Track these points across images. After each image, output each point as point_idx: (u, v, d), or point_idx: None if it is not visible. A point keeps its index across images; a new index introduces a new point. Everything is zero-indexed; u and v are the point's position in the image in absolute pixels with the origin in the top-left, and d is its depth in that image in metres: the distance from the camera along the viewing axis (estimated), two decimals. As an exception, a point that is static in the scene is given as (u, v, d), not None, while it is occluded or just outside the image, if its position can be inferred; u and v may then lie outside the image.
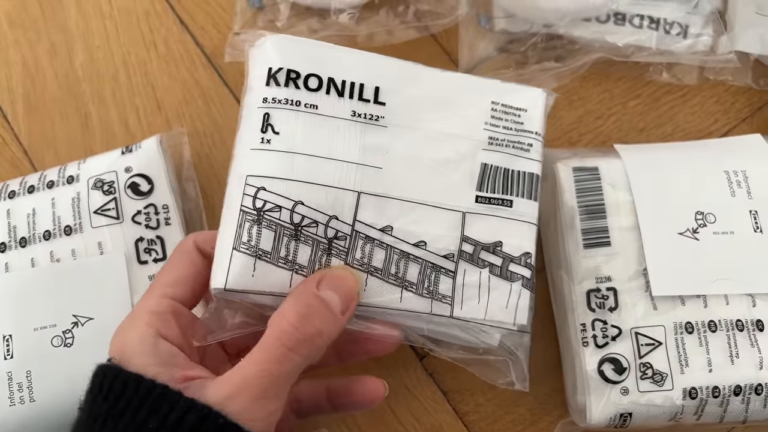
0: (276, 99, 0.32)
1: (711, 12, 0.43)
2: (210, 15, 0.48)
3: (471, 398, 0.40)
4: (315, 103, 0.32)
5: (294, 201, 0.31)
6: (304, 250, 0.30)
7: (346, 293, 0.30)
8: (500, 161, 0.33)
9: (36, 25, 0.48)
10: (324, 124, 0.32)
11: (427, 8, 0.44)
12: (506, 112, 0.34)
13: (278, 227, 0.30)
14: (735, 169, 0.38)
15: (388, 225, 0.32)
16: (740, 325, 0.35)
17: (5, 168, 0.45)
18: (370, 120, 0.32)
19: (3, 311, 0.37)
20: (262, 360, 0.28)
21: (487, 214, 0.33)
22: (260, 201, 0.30)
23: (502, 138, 0.34)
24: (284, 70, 0.32)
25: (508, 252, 0.33)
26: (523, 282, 0.33)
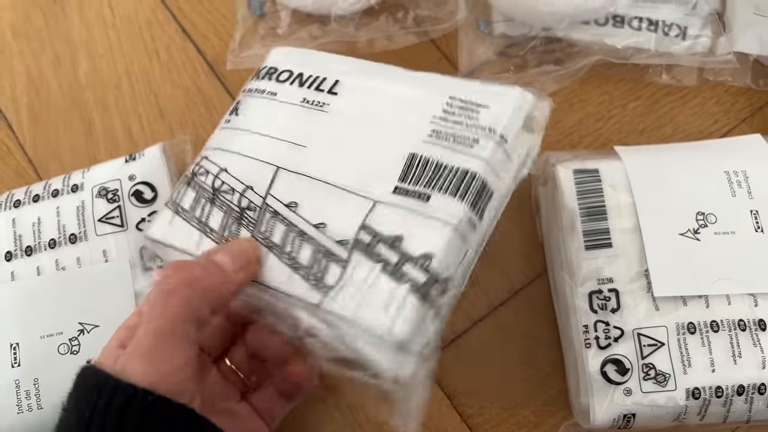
0: (250, 89, 0.36)
1: (709, 13, 0.43)
2: (211, 23, 0.48)
3: (475, 401, 0.40)
4: (275, 91, 0.35)
5: (220, 168, 0.33)
6: (217, 214, 0.32)
7: (237, 253, 0.30)
8: (433, 153, 0.30)
9: (40, 35, 0.48)
10: (274, 108, 0.34)
11: (427, 13, 0.45)
12: (462, 108, 0.31)
13: (200, 189, 0.33)
14: (735, 170, 0.38)
15: (293, 201, 0.31)
16: (742, 324, 0.35)
17: (10, 177, 0.45)
18: (316, 106, 0.34)
19: (9, 319, 0.37)
20: (147, 318, 0.28)
21: (399, 206, 0.30)
22: (198, 167, 0.34)
23: (446, 132, 0.31)
24: (267, 68, 0.36)
25: (407, 250, 0.29)
26: (411, 286, 0.28)
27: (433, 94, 0.32)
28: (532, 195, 0.43)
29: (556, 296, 0.40)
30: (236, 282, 0.30)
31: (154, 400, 0.26)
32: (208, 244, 0.32)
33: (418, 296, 0.28)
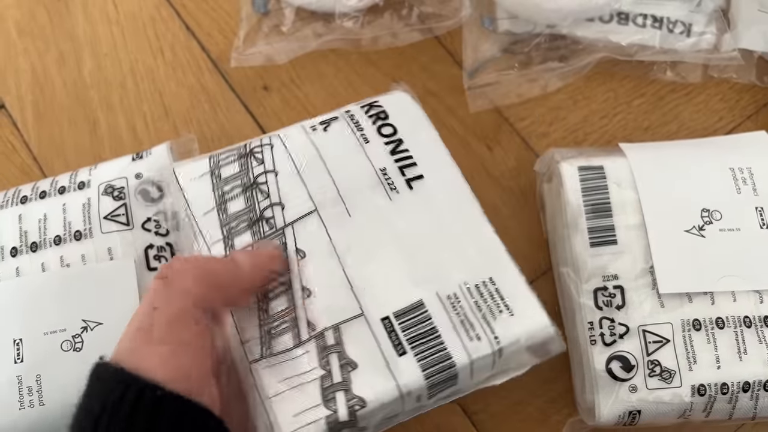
0: (353, 115, 0.36)
1: (714, 10, 0.43)
2: (216, 21, 0.48)
3: (480, 398, 0.40)
4: (369, 138, 0.34)
5: (274, 170, 0.33)
6: (238, 203, 0.33)
7: (256, 253, 0.31)
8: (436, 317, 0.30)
9: (44, 33, 0.48)
10: (357, 149, 0.34)
11: (431, 10, 0.45)
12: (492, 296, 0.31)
13: (245, 170, 0.33)
14: (740, 166, 0.38)
15: (303, 251, 0.31)
16: (748, 321, 0.35)
17: (15, 175, 0.45)
18: (388, 183, 0.33)
19: (13, 315, 0.37)
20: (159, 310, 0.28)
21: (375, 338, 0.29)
22: (260, 148, 0.34)
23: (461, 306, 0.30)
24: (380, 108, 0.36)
25: (351, 381, 0.28)
26: (329, 417, 0.28)
27: (483, 257, 0.31)
28: (536, 192, 0.43)
29: (560, 293, 0.40)
30: (249, 277, 0.30)
31: (164, 396, 0.25)
32: (213, 220, 0.32)
33: (329, 428, 0.28)
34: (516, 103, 0.45)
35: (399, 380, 0.28)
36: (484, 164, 0.44)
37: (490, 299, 0.30)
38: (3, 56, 0.48)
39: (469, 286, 0.30)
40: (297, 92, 0.46)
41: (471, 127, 0.45)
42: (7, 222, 0.39)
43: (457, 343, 0.29)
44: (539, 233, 0.42)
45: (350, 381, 0.28)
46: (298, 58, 0.46)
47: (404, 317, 0.30)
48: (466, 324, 0.30)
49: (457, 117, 0.45)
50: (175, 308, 0.28)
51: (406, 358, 0.28)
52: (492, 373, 0.31)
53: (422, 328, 0.29)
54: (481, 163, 0.44)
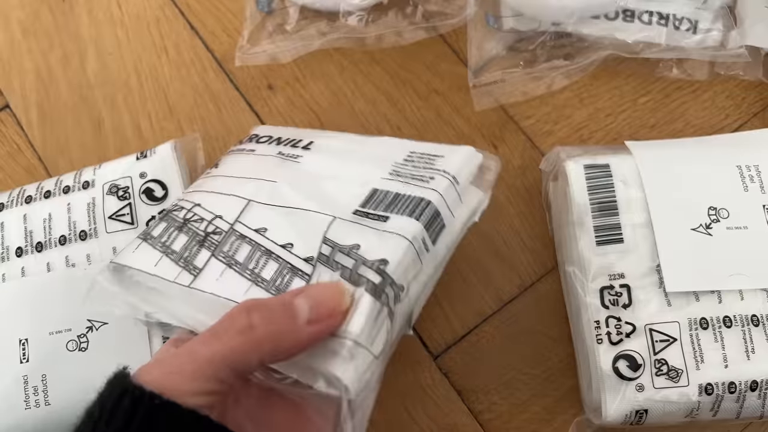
0: (232, 150, 0.39)
1: (720, 7, 0.43)
2: (220, 20, 0.48)
3: (485, 397, 0.40)
4: (254, 149, 0.38)
5: (194, 203, 0.34)
6: (181, 239, 0.33)
7: (317, 302, 0.27)
8: (393, 188, 0.33)
9: (48, 33, 0.48)
10: (251, 159, 0.37)
11: (436, 9, 0.44)
12: (421, 157, 0.35)
13: (171, 221, 0.34)
14: (747, 164, 0.38)
15: (262, 227, 0.32)
16: (755, 320, 0.35)
17: (20, 174, 0.45)
18: (290, 157, 0.36)
19: (19, 316, 0.38)
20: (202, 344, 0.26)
21: (358, 223, 0.31)
22: (173, 205, 0.35)
23: (405, 172, 0.34)
24: (249, 135, 0.40)
25: (363, 255, 0.30)
26: (368, 287, 0.28)
27: (396, 149, 0.36)
28: (542, 190, 0.42)
29: (567, 292, 0.40)
30: (307, 335, 0.26)
31: (161, 404, 0.25)
32: (166, 263, 0.32)
33: (373, 293, 0.28)
34: (521, 102, 0.45)
35: (398, 232, 0.31)
36: (489, 163, 0.44)
37: (420, 160, 0.34)
38: (7, 56, 0.48)
39: (400, 162, 0.34)
40: (301, 91, 0.46)
41: (476, 126, 0.44)
42: (12, 222, 0.39)
43: (420, 189, 0.32)
44: (545, 231, 0.42)
45: (362, 255, 0.30)
46: (302, 57, 0.46)
47: (369, 203, 0.32)
48: (416, 179, 0.33)
49: (463, 115, 0.45)
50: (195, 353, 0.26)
51: (392, 219, 0.31)
52: (466, 211, 0.34)
53: (387, 198, 0.32)
54: (487, 162, 0.44)
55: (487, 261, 0.42)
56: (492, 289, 0.41)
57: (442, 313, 0.41)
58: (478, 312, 0.41)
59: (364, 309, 0.28)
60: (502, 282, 0.42)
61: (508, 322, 0.41)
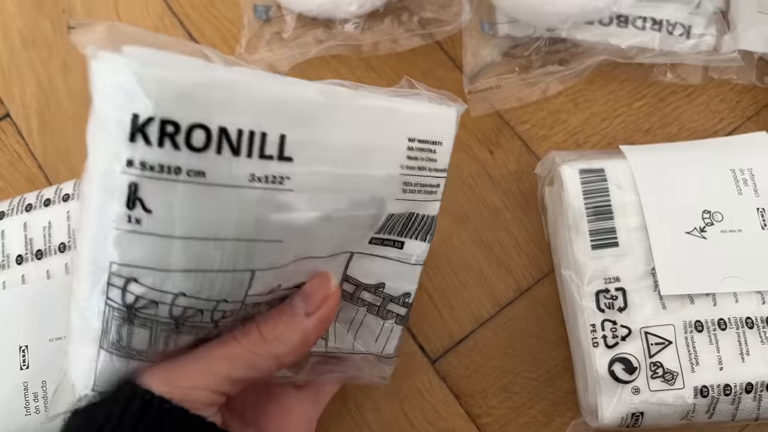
0: (146, 165, 0.22)
1: (713, 12, 0.43)
2: (218, 29, 0.48)
3: (483, 401, 0.40)
4: (202, 170, 0.23)
5: (174, 294, 0.24)
6: (185, 339, 0.26)
7: (308, 295, 0.28)
8: (407, 208, 0.30)
9: (48, 43, 0.49)
10: (213, 196, 0.23)
11: (431, 16, 0.45)
12: (422, 149, 0.29)
13: (155, 324, 0.25)
14: (741, 167, 0.38)
15: (277, 285, 0.27)
16: (750, 322, 0.35)
17: (21, 183, 0.46)
18: (273, 184, 0.24)
19: (19, 322, 0.38)
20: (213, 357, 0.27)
21: (375, 255, 0.31)
22: (131, 296, 0.24)
23: (414, 182, 0.30)
24: (157, 121, 0.22)
25: (389, 293, 0.32)
26: (396, 320, 0.33)
27: (392, 137, 0.28)
28: (538, 195, 0.43)
29: (563, 296, 0.40)
30: (311, 327, 0.28)
31: (170, 409, 0.25)
32: None
33: (401, 323, 0.33)
34: (517, 107, 0.45)
35: (414, 261, 0.32)
36: (486, 168, 0.44)
37: (422, 154, 0.30)
38: (7, 66, 0.48)
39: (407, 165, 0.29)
40: (299, 98, 0.46)
41: (472, 131, 0.45)
42: (12, 230, 0.39)
43: (429, 205, 0.31)
44: (541, 236, 0.43)
45: (388, 293, 0.32)
46: (299, 64, 0.46)
47: (385, 227, 0.30)
48: (425, 189, 0.31)
49: (459, 121, 0.45)
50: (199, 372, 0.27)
51: (407, 245, 0.31)
52: None
53: (401, 221, 0.31)
54: (483, 167, 0.44)
55: (484, 265, 0.42)
56: (489, 294, 0.42)
57: (440, 318, 0.41)
58: (475, 316, 0.41)
59: (396, 337, 0.33)
60: (499, 286, 0.42)
61: (505, 326, 0.41)
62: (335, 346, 0.33)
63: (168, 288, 0.24)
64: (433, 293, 0.42)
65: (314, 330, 0.28)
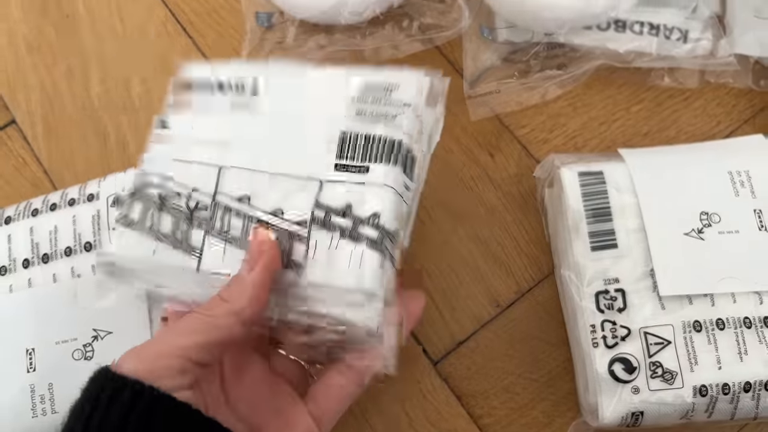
0: (172, 105, 0.37)
1: (710, 17, 0.44)
2: (221, 35, 0.49)
3: (485, 402, 0.40)
4: (200, 102, 0.37)
5: (164, 177, 0.34)
6: (166, 219, 0.34)
7: (248, 252, 0.32)
8: (360, 128, 0.34)
9: (53, 49, 0.49)
10: (205, 117, 0.36)
11: (431, 21, 0.45)
12: (375, 88, 0.35)
13: (147, 200, 0.34)
14: (738, 170, 0.38)
15: (245, 195, 0.33)
16: (748, 322, 0.36)
17: (26, 188, 0.46)
18: (243, 107, 0.36)
19: (26, 325, 0.38)
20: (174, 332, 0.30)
21: (343, 181, 0.33)
22: (140, 181, 0.35)
23: (366, 109, 0.34)
24: (183, 83, 0.38)
25: (357, 214, 0.32)
26: (368, 243, 0.32)
27: (348, 81, 0.35)
28: (537, 197, 0.43)
29: (563, 297, 0.41)
30: (256, 279, 0.30)
31: (158, 396, 0.27)
32: (162, 248, 0.33)
33: (375, 249, 0.32)
34: (516, 111, 0.46)
35: (382, 182, 0.33)
36: (486, 171, 0.45)
37: (376, 92, 0.35)
38: (13, 72, 0.49)
39: (357, 97, 0.35)
40: (301, 103, 0.47)
41: (473, 135, 0.45)
42: (19, 234, 0.40)
43: (388, 129, 0.33)
44: (541, 237, 0.43)
45: (356, 214, 0.32)
46: (301, 70, 0.47)
47: (344, 151, 0.33)
48: (380, 117, 0.34)
49: (460, 125, 0.46)
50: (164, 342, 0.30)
51: (373, 169, 0.33)
52: (427, 135, 0.35)
53: (359, 144, 0.33)
54: (484, 170, 0.45)
55: (485, 267, 0.43)
56: (490, 295, 0.42)
57: (442, 320, 0.42)
58: (476, 318, 0.42)
59: (372, 266, 0.31)
60: (500, 288, 0.42)
61: (507, 327, 0.42)
62: (313, 279, 0.32)
63: (158, 171, 0.34)
64: (435, 295, 0.42)
65: (261, 279, 0.31)
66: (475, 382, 0.41)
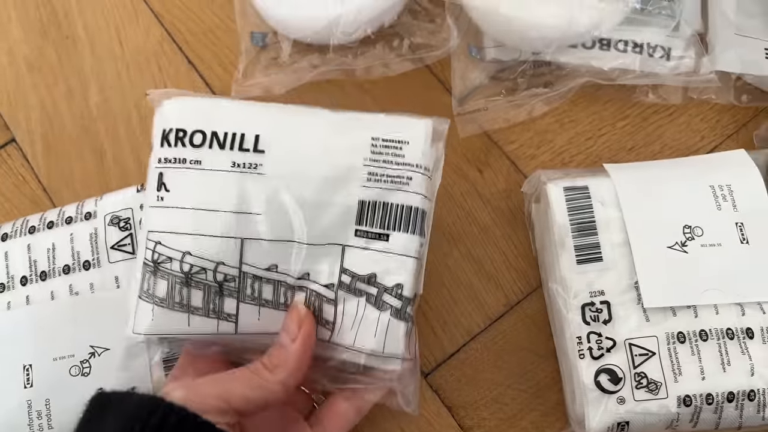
0: (167, 159, 0.35)
1: (692, 35, 0.45)
2: (217, 55, 0.50)
3: (475, 413, 0.41)
4: (199, 159, 0.34)
5: (182, 252, 0.34)
6: (196, 294, 0.34)
7: (286, 325, 0.34)
8: (377, 196, 0.34)
9: (53, 69, 0.50)
10: (207, 178, 0.34)
11: (421, 41, 0.47)
12: (387, 146, 0.35)
13: (170, 276, 0.34)
14: (720, 184, 0.39)
15: (273, 264, 0.34)
16: (730, 333, 0.36)
17: (26, 205, 0.47)
18: (249, 168, 0.34)
19: (24, 342, 0.39)
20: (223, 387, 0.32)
21: (365, 248, 0.34)
22: (156, 254, 0.34)
23: (380, 173, 0.34)
24: (174, 130, 0.35)
25: (383, 283, 0.34)
26: (392, 312, 0.34)
27: (355, 138, 0.35)
28: (525, 212, 0.44)
29: (550, 309, 0.42)
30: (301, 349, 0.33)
31: (203, 423, 0.29)
32: (198, 321, 0.34)
33: (400, 319, 0.34)
34: (504, 128, 0.47)
35: (403, 252, 0.34)
36: (475, 186, 0.46)
37: (387, 150, 0.35)
38: (13, 91, 0.50)
39: (370, 158, 0.35)
40: (294, 121, 0.48)
41: (462, 152, 0.46)
42: (16, 251, 0.41)
43: (404, 195, 0.35)
44: (529, 251, 0.44)
45: (381, 283, 0.34)
46: (295, 89, 0.48)
47: (363, 219, 0.34)
48: (395, 182, 0.35)
49: (449, 142, 0.46)
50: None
51: (393, 238, 0.34)
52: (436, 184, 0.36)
53: (378, 211, 0.34)
54: (473, 186, 0.46)
55: (475, 281, 0.44)
56: (480, 308, 0.43)
57: (432, 332, 0.43)
58: (466, 330, 0.43)
59: (398, 333, 0.34)
60: (490, 301, 0.43)
61: (496, 339, 0.42)
62: (337, 340, 0.34)
63: (175, 246, 0.34)
64: (426, 309, 0.43)
65: (303, 350, 0.33)
66: (465, 393, 0.41)
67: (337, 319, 0.34)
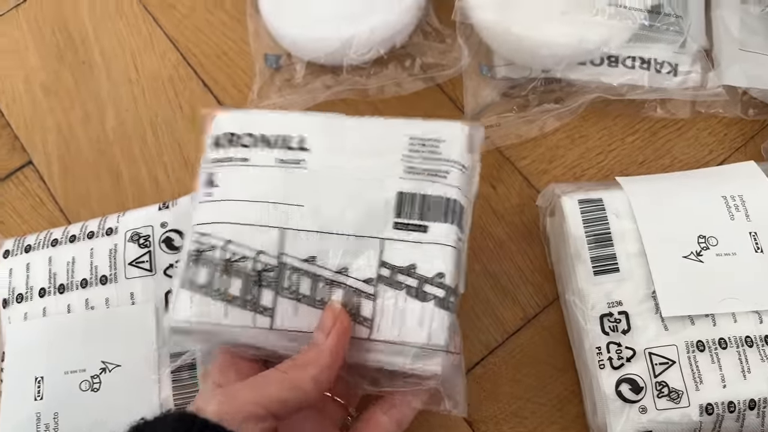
0: (217, 159, 0.37)
1: (698, 51, 0.46)
2: (231, 77, 0.51)
3: (495, 427, 0.41)
4: (247, 157, 0.37)
5: (225, 240, 0.35)
6: (235, 282, 0.34)
7: (321, 323, 0.33)
8: (415, 188, 0.35)
9: (69, 93, 0.51)
10: (253, 172, 0.36)
11: (433, 61, 0.48)
12: (424, 144, 0.36)
13: (211, 264, 0.35)
14: (732, 194, 0.40)
15: (311, 256, 0.34)
16: (749, 341, 0.36)
17: (43, 226, 0.47)
18: (293, 164, 0.36)
19: (37, 354, 0.39)
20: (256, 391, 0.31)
21: (404, 240, 0.34)
22: (200, 244, 0.35)
23: (418, 167, 0.35)
24: (226, 134, 0.37)
25: (422, 273, 0.34)
26: (436, 302, 0.33)
27: (394, 137, 0.36)
28: (540, 226, 0.44)
29: (568, 321, 0.42)
30: (334, 347, 0.32)
31: None
32: (232, 310, 0.34)
33: (443, 308, 0.34)
34: (516, 144, 0.47)
35: (442, 242, 0.34)
36: (489, 202, 0.46)
37: (425, 147, 0.36)
38: (30, 115, 0.51)
39: (408, 154, 0.36)
40: (308, 140, 0.49)
41: (475, 168, 0.47)
42: (38, 263, 0.41)
43: (442, 188, 0.35)
44: (545, 265, 0.44)
45: (421, 273, 0.34)
46: (309, 109, 0.48)
47: (403, 210, 0.35)
48: (432, 175, 0.35)
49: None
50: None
51: (432, 228, 0.34)
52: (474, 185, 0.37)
53: (417, 203, 0.35)
54: (487, 202, 0.46)
55: (492, 296, 0.44)
56: (497, 322, 0.43)
57: (450, 347, 0.43)
58: (484, 345, 0.43)
59: (441, 323, 0.33)
60: (507, 315, 0.43)
61: (514, 353, 0.42)
62: (377, 336, 0.34)
63: (219, 235, 0.35)
64: (443, 323, 0.43)
65: (336, 345, 0.32)
66: (485, 407, 0.41)
67: (376, 315, 0.34)
